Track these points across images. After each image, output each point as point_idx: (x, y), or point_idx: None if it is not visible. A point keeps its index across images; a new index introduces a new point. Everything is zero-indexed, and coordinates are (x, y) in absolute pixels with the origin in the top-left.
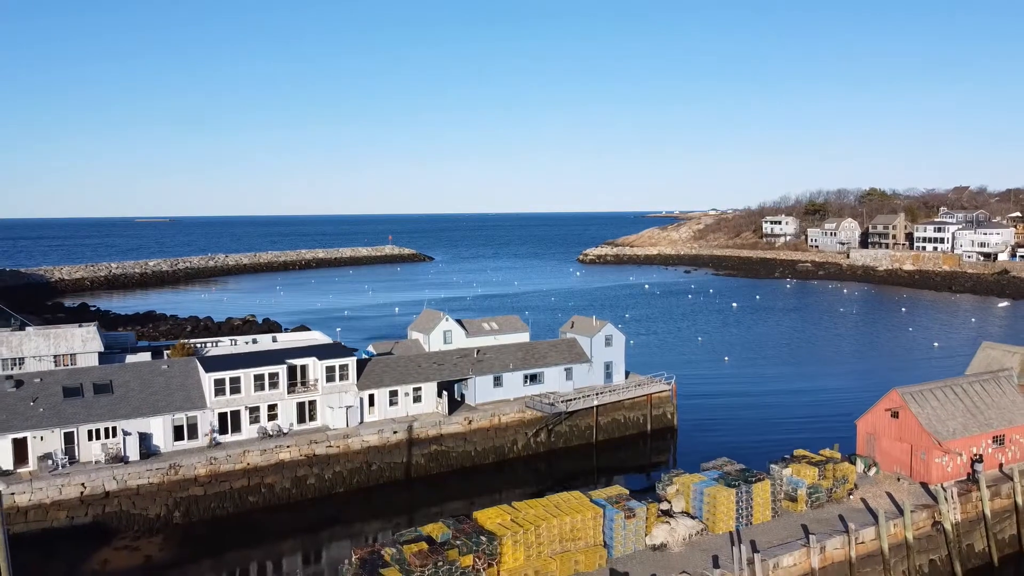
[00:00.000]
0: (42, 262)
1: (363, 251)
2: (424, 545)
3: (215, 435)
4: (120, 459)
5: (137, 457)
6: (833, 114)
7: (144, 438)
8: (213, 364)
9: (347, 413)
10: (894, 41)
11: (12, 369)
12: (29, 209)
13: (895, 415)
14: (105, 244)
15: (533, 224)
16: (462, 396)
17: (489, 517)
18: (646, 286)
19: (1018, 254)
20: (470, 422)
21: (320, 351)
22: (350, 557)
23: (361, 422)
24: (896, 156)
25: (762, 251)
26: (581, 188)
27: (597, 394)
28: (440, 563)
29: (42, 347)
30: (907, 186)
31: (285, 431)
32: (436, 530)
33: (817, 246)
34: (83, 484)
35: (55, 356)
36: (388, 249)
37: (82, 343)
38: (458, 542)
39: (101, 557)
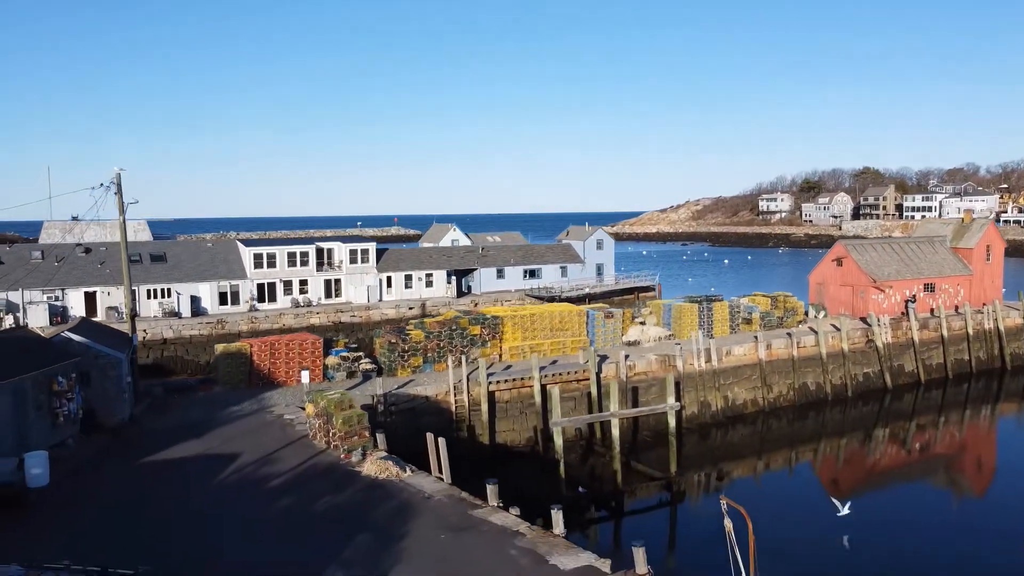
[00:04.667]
0: None
1: (369, 231)
2: (441, 319)
3: (254, 302)
4: (174, 314)
5: (188, 315)
6: (830, 96)
7: (194, 300)
8: (252, 242)
9: (368, 291)
10: (892, 26)
11: None
12: (28, 212)
13: (839, 263)
14: None
15: (542, 220)
16: (468, 287)
17: (493, 311)
18: (644, 252)
19: (1001, 219)
20: (475, 304)
21: (344, 238)
22: (384, 328)
23: (380, 300)
24: (892, 138)
25: (758, 227)
26: (590, 188)
27: (589, 287)
28: (454, 328)
29: (100, 235)
30: (901, 165)
31: (314, 303)
32: (450, 314)
33: (811, 220)
34: (144, 331)
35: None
36: (394, 230)
37: (134, 233)
38: (468, 317)
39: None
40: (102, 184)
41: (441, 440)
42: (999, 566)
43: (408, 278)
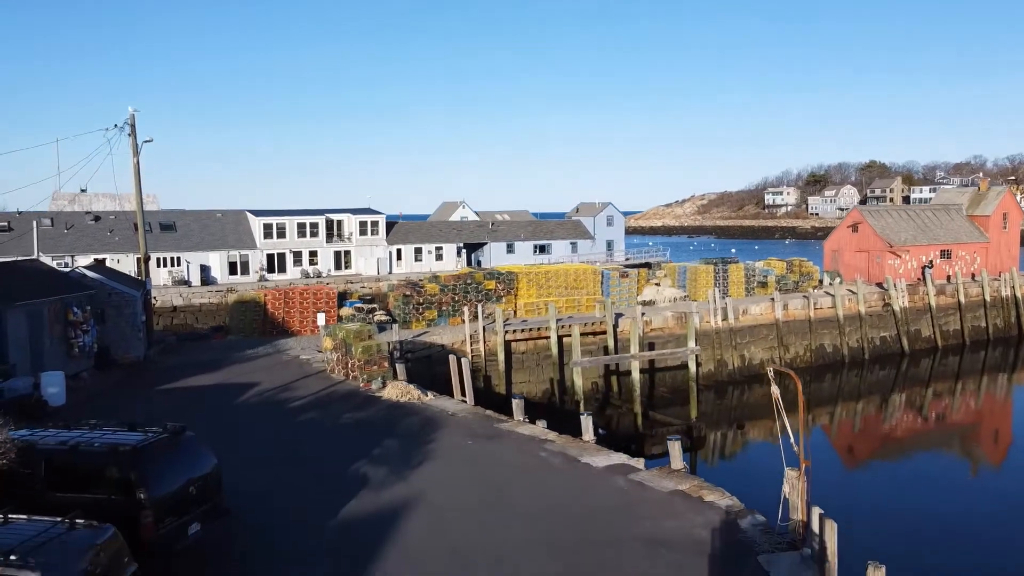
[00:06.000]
0: None
1: None
2: (456, 274)
3: (264, 272)
4: (184, 282)
5: (198, 283)
6: (834, 91)
7: (204, 270)
8: (262, 213)
9: (377, 263)
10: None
11: None
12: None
13: (855, 229)
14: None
15: (544, 219)
16: (478, 262)
17: (508, 268)
18: (650, 244)
19: None
20: None
21: (354, 210)
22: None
23: (390, 272)
24: (898, 132)
25: (763, 220)
26: (591, 186)
27: (600, 263)
28: (469, 282)
29: (109, 206)
30: (908, 159)
31: (323, 274)
32: (464, 271)
33: (817, 213)
34: (155, 298)
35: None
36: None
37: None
38: (484, 272)
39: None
40: (116, 125)
41: (464, 361)
42: (1016, 536)
43: (418, 251)
